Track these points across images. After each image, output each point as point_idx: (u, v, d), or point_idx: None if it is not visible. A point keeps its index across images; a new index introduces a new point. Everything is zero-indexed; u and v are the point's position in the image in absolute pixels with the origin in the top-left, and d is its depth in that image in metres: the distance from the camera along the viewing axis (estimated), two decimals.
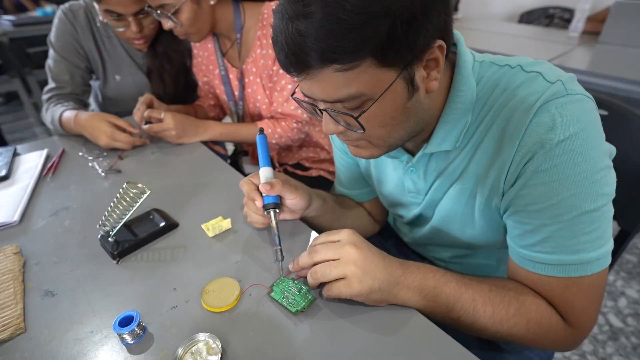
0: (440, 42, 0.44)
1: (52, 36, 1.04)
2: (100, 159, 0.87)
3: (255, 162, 1.26)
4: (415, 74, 0.45)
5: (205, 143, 1.14)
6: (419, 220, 0.70)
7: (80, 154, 0.89)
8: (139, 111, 0.93)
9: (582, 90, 0.48)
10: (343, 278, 0.49)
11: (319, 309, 0.51)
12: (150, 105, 0.97)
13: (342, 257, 0.49)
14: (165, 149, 0.93)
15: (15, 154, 0.88)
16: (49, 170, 0.82)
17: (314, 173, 1.17)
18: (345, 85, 0.44)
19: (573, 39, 2.01)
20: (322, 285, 0.51)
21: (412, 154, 0.61)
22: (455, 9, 2.70)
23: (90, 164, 0.84)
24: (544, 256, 0.49)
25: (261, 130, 0.67)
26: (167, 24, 0.88)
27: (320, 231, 0.76)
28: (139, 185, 0.60)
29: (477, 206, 0.57)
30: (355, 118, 0.47)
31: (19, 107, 2.86)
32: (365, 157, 0.55)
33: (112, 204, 0.58)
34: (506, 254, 0.56)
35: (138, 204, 0.60)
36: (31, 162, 0.85)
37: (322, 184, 1.17)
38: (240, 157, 1.22)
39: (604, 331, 1.33)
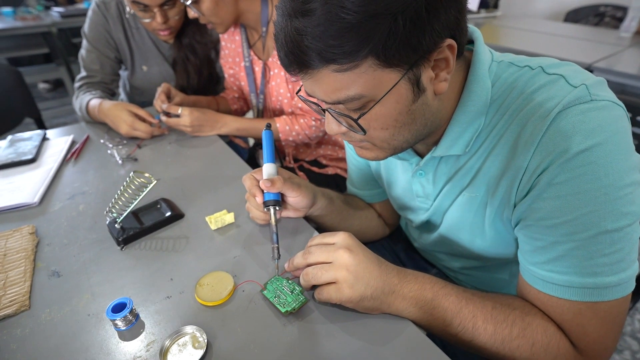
0: (450, 41, 0.41)
1: (85, 27, 1.09)
2: (120, 146, 0.89)
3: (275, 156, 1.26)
4: (422, 74, 0.43)
5: (225, 135, 1.16)
6: (427, 226, 0.67)
7: (102, 141, 0.92)
8: (159, 100, 0.96)
9: (610, 96, 0.43)
10: (334, 282, 0.47)
11: (310, 312, 0.50)
12: (168, 94, 0.99)
13: (335, 261, 0.48)
14: (183, 140, 0.95)
15: (45, 139, 0.93)
16: (72, 155, 0.86)
17: (330, 171, 1.15)
18: (345, 87, 0.42)
19: (624, 39, 1.86)
20: (315, 287, 0.50)
21: (423, 156, 0.58)
22: (495, 6, 2.57)
23: (109, 152, 0.87)
24: (556, 276, 0.45)
25: (268, 126, 0.66)
26: (192, 13, 0.90)
27: (326, 231, 0.75)
28: (146, 174, 0.61)
29: (487, 216, 0.53)
30: (355, 120, 0.45)
31: (64, 94, 3.04)
32: (370, 159, 0.53)
33: (118, 191, 0.60)
34: None
35: (144, 194, 0.61)
36: (57, 147, 0.89)
37: (339, 182, 1.15)
38: (258, 151, 1.22)
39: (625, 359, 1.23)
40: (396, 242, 0.87)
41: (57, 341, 0.47)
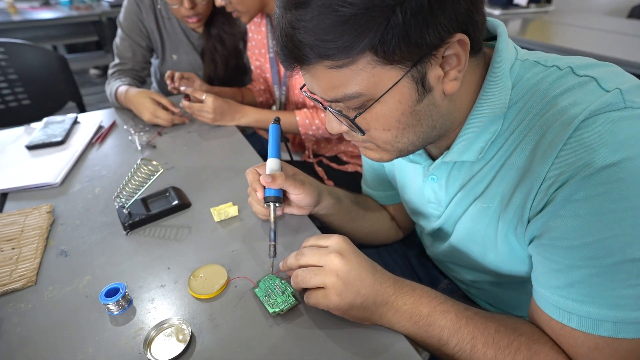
0: (460, 35, 0.37)
1: (120, 16, 1.13)
2: (142, 133, 0.92)
3: (295, 150, 1.25)
4: (428, 72, 0.39)
5: (250, 128, 1.16)
6: (438, 234, 0.63)
7: (125, 127, 0.96)
8: (176, 79, 0.97)
9: None
10: (323, 287, 0.45)
11: (299, 315, 0.48)
12: (188, 79, 1.01)
13: (326, 265, 0.45)
14: (202, 131, 0.96)
15: (76, 122, 0.97)
16: (97, 139, 0.90)
17: (350, 168, 1.12)
18: (342, 84, 0.39)
19: None
20: (306, 290, 0.48)
21: (435, 160, 0.54)
22: (548, 0, 2.38)
23: (129, 138, 0.90)
24: (571, 304, 0.40)
25: (276, 120, 0.64)
26: (218, 1, 0.90)
27: (334, 231, 0.73)
28: (154, 162, 0.61)
29: (499, 230, 0.49)
30: (352, 120, 0.42)
31: None
32: (375, 160, 0.50)
33: (126, 177, 0.61)
34: None
35: (151, 181, 0.62)
36: (86, 130, 0.93)
37: (358, 180, 1.11)
38: (288, 144, 1.22)
39: None
40: (409, 247, 0.83)
41: (54, 319, 0.48)
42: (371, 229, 0.75)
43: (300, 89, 0.51)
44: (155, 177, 0.61)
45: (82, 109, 1.55)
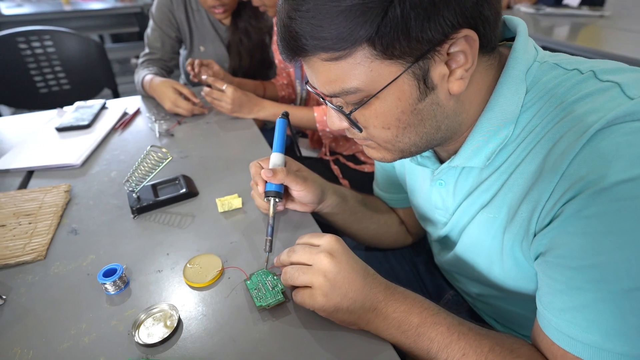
0: (467, 31, 0.35)
1: (152, 7, 1.17)
2: (162, 121, 0.95)
3: (313, 146, 1.25)
4: (431, 69, 0.37)
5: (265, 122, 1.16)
6: (445, 242, 0.60)
7: (148, 115, 0.99)
8: (196, 66, 0.99)
9: None
10: (310, 287, 0.44)
11: (287, 313, 0.48)
12: (207, 66, 1.02)
13: (314, 265, 0.44)
14: (220, 122, 0.98)
15: (104, 108, 1.02)
16: (120, 125, 0.93)
17: (367, 169, 1.10)
18: (340, 78, 0.38)
19: None
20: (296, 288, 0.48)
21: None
22: (601, 3, 2.21)
23: (149, 125, 0.93)
24: (575, 330, 0.37)
25: (284, 115, 0.64)
26: None
27: (338, 231, 0.72)
28: (163, 150, 0.63)
29: (505, 243, 0.46)
30: (347, 115, 0.41)
31: None
32: (378, 160, 0.49)
33: (136, 163, 0.63)
34: None
35: (160, 168, 0.63)
36: (111, 116, 0.97)
37: None
38: (297, 138, 1.21)
39: None
40: (418, 253, 0.80)
41: (55, 293, 0.51)
42: (378, 231, 0.73)
43: (306, 83, 0.50)
44: (163, 164, 0.63)
45: (116, 95, 1.62)
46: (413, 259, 0.80)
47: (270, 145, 0.88)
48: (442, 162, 0.53)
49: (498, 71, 0.43)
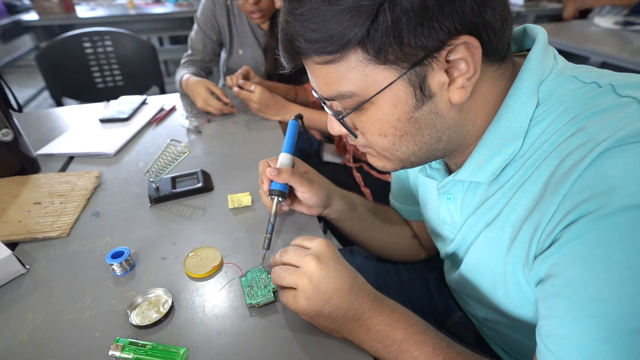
0: (466, 38, 0.33)
1: (198, 12, 1.24)
2: (193, 118, 1.00)
3: (339, 152, 1.25)
4: (428, 77, 0.36)
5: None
6: (453, 260, 0.58)
7: (182, 113, 1.04)
8: (234, 77, 1.03)
9: None
10: (295, 289, 0.44)
11: (275, 312, 0.48)
12: (246, 76, 1.06)
13: (302, 267, 0.44)
14: (247, 122, 1.01)
15: (144, 103, 1.09)
16: (155, 120, 0.99)
17: (390, 179, 1.08)
18: (335, 82, 0.38)
19: None
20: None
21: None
22: None
23: (180, 122, 0.98)
24: None
25: (298, 116, 0.65)
26: (278, 3, 0.93)
27: (346, 238, 0.71)
28: (182, 144, 0.66)
29: (507, 266, 0.43)
30: (339, 119, 0.40)
31: None
32: (379, 168, 0.48)
33: (157, 155, 0.66)
34: None
35: (178, 162, 0.66)
36: (150, 111, 1.04)
37: None
38: (323, 144, 1.22)
39: None
40: (431, 270, 0.77)
41: (70, 269, 0.55)
42: (387, 242, 0.71)
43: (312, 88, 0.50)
44: (181, 158, 0.66)
45: (162, 93, 1.73)
46: (425, 275, 0.76)
47: (299, 149, 0.90)
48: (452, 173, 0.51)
49: (510, 82, 0.40)
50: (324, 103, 0.44)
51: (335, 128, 0.45)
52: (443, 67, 0.36)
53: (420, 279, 0.76)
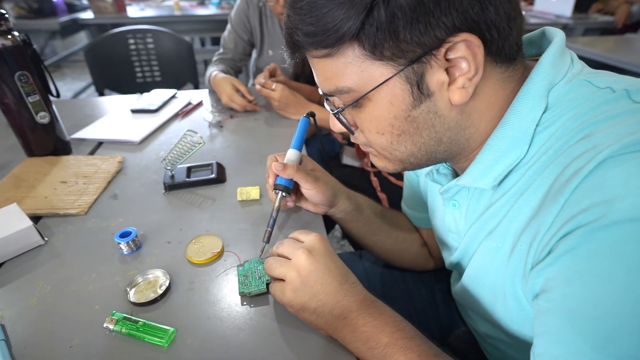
0: (465, 35, 0.32)
1: (232, 12, 1.28)
2: (217, 113, 1.03)
3: (359, 156, 1.23)
4: (426, 75, 0.35)
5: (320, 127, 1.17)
6: (457, 269, 0.56)
7: (207, 108, 1.08)
8: (261, 75, 1.05)
9: None
10: (284, 280, 0.44)
11: (265, 303, 0.48)
12: (273, 73, 1.08)
13: (293, 259, 0.44)
14: (268, 120, 1.02)
15: (174, 97, 1.14)
16: (182, 113, 1.04)
17: None
18: (333, 76, 0.38)
19: None
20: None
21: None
22: None
23: (203, 116, 1.01)
24: None
25: (309, 114, 0.65)
26: None
27: (352, 240, 0.70)
28: (198, 135, 0.68)
29: (506, 278, 0.41)
30: (335, 114, 0.40)
31: None
32: (381, 168, 0.47)
33: (173, 144, 0.69)
34: None
35: (193, 152, 0.69)
36: (178, 104, 1.08)
37: None
38: (343, 147, 1.21)
39: None
40: (439, 280, 0.74)
41: (82, 244, 0.58)
42: (394, 247, 0.69)
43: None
44: (196, 148, 0.68)
45: (196, 89, 1.80)
46: (432, 285, 0.74)
47: (318, 150, 0.90)
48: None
49: (519, 85, 0.39)
50: (327, 99, 0.44)
51: (337, 125, 0.45)
52: (443, 65, 0.35)
53: (427, 288, 0.74)
